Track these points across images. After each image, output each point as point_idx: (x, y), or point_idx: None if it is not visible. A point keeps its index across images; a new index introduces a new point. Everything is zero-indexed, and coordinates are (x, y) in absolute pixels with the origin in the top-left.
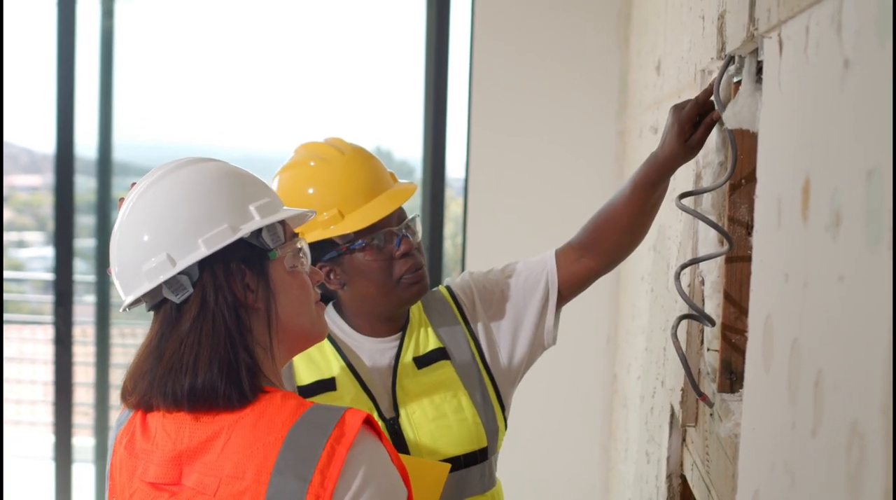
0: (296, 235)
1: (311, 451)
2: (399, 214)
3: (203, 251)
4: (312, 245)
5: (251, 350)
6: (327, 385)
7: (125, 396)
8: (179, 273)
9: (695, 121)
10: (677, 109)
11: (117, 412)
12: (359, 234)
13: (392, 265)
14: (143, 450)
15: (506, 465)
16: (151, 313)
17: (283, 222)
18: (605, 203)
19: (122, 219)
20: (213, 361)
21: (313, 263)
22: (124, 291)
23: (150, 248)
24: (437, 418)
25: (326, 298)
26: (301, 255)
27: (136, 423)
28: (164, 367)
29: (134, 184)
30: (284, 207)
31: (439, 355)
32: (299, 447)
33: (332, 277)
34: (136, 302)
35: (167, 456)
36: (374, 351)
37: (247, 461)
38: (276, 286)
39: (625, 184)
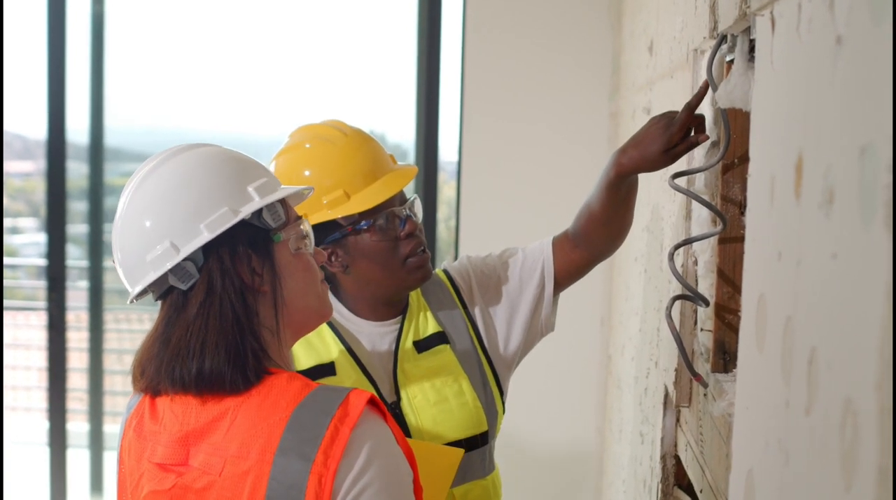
0: (299, 217)
1: (314, 431)
2: (400, 196)
3: (206, 236)
4: (315, 227)
5: (258, 334)
6: (327, 370)
7: (135, 381)
8: (184, 260)
9: (686, 129)
10: (658, 119)
11: (111, 398)
12: (363, 215)
13: (397, 246)
14: (151, 432)
15: (501, 447)
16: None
17: (283, 203)
18: (587, 196)
19: (122, 209)
20: (219, 345)
21: (315, 246)
22: (130, 281)
23: (153, 236)
24: (438, 402)
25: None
26: (305, 237)
27: (145, 406)
28: (171, 352)
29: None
30: (283, 186)
31: (439, 339)
32: (303, 428)
33: (334, 259)
34: (143, 293)
35: (174, 437)
36: (373, 335)
37: (251, 441)
38: (281, 269)
39: (598, 178)
